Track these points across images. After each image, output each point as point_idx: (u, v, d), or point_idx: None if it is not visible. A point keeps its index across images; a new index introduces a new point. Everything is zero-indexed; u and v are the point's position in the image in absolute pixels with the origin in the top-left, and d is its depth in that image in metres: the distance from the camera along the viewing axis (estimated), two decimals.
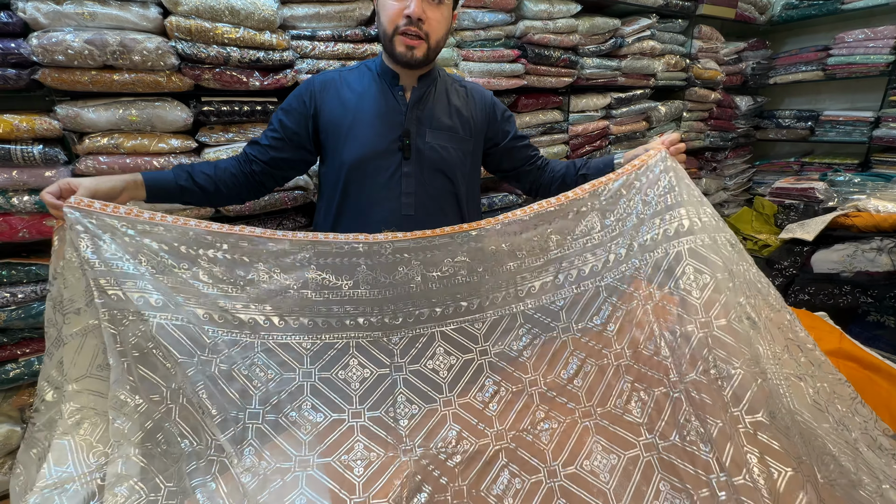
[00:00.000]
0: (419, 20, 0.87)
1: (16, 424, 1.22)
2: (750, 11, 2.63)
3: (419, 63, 0.93)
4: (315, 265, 0.81)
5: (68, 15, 1.06)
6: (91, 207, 0.72)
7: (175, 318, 0.71)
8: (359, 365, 0.80)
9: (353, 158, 0.97)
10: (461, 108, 1.04)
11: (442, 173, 1.01)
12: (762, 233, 1.94)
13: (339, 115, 0.98)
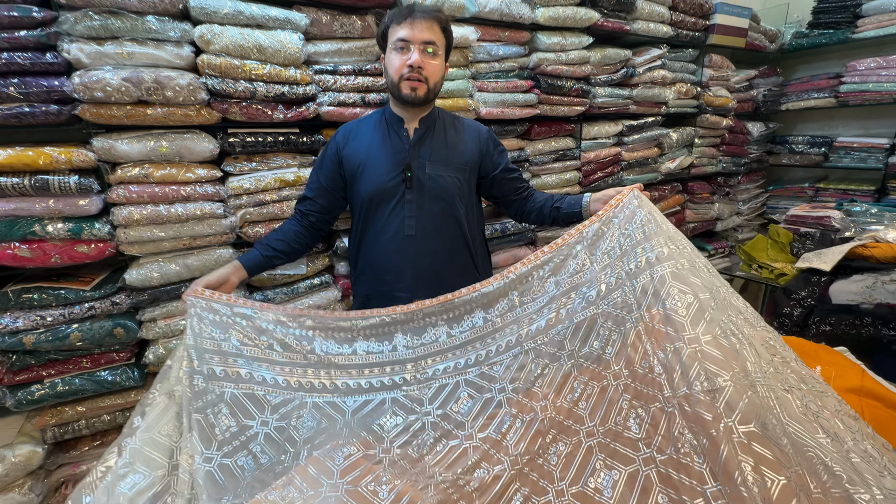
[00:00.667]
0: (419, 67, 1.08)
1: (37, 445, 1.25)
2: (760, 40, 2.66)
3: (421, 101, 1.13)
4: (362, 336, 1.00)
5: (108, 55, 1.12)
6: (202, 295, 0.97)
7: (245, 388, 0.91)
8: (393, 414, 0.92)
9: (368, 192, 1.17)
10: (458, 141, 1.22)
11: (441, 198, 1.18)
12: (778, 261, 1.92)
13: (356, 158, 1.19)
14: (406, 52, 1.09)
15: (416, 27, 1.07)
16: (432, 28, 1.09)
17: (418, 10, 1.09)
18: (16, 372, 1.21)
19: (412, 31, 1.07)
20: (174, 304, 1.34)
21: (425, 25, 1.08)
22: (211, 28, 1.20)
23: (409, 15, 1.08)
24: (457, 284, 1.17)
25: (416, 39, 1.08)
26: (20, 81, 1.07)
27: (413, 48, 1.08)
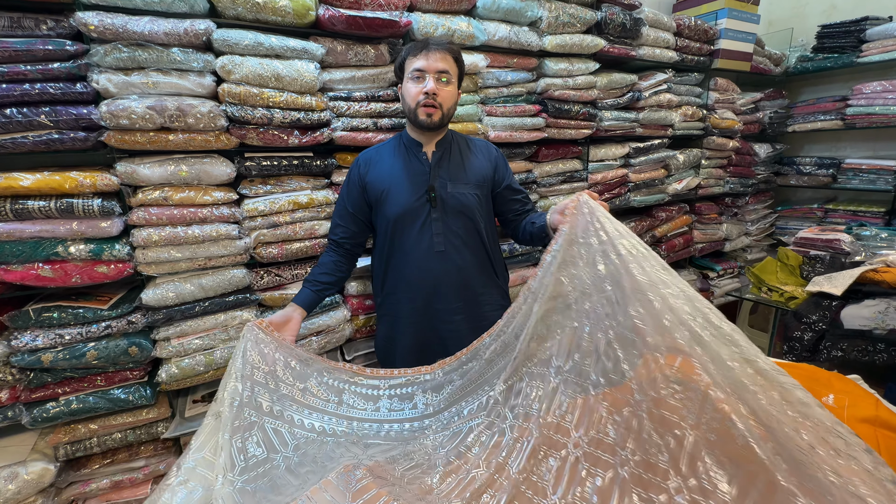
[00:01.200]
0: (434, 94, 1.17)
1: (50, 463, 1.26)
2: (765, 64, 2.70)
3: (437, 126, 1.21)
4: (387, 395, 1.07)
5: (134, 84, 1.18)
6: (261, 325, 1.06)
7: (276, 423, 0.97)
8: (407, 457, 0.96)
9: (395, 214, 1.24)
10: (472, 160, 1.31)
11: (463, 214, 1.26)
12: (788, 284, 1.90)
13: (380, 182, 1.26)
14: (422, 81, 1.18)
15: (430, 58, 1.17)
16: (445, 58, 1.19)
17: (433, 42, 1.19)
18: (33, 389, 1.23)
19: (427, 62, 1.17)
20: (188, 324, 1.36)
21: (439, 56, 1.18)
22: (232, 59, 1.26)
23: (425, 48, 1.18)
24: (483, 293, 1.31)
25: (431, 69, 1.17)
26: (51, 110, 1.12)
27: (428, 77, 1.17)
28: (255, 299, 1.45)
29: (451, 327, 1.28)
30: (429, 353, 1.27)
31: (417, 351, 1.30)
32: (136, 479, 1.39)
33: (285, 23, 1.34)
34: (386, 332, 1.36)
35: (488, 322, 1.23)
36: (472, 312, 1.29)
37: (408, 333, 1.30)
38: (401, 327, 1.31)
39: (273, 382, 1.00)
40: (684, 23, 2.22)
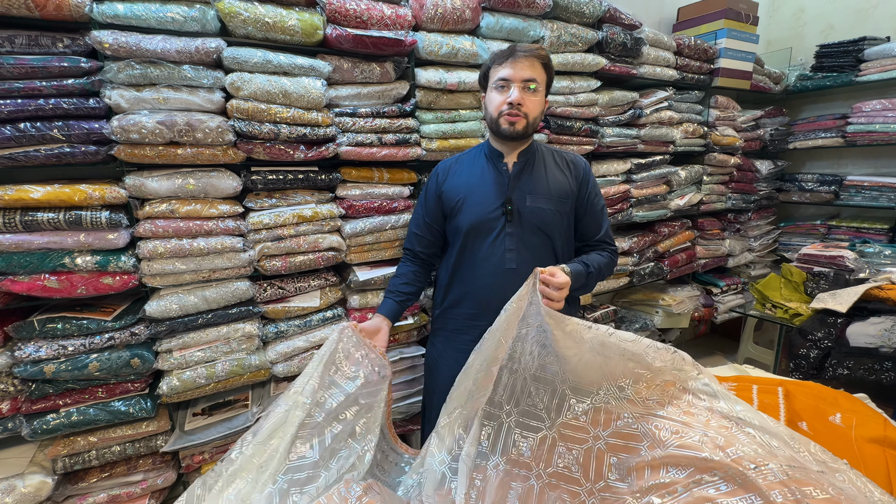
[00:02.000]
0: (519, 104, 1.12)
1: (48, 476, 1.25)
2: (765, 82, 2.74)
3: (520, 135, 1.16)
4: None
5: (145, 100, 1.21)
6: (355, 329, 1.13)
7: (336, 427, 1.00)
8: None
9: (468, 224, 1.21)
10: (557, 174, 1.24)
11: (540, 231, 1.19)
12: (792, 301, 1.89)
13: (457, 191, 1.24)
14: (506, 91, 1.13)
15: (516, 66, 1.11)
16: (533, 66, 1.13)
17: (519, 50, 1.13)
18: (34, 401, 1.23)
19: (513, 71, 1.12)
20: (190, 336, 1.36)
21: (526, 64, 1.12)
22: (241, 76, 1.29)
23: (511, 55, 1.12)
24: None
25: (517, 78, 1.12)
26: (63, 124, 1.14)
27: (513, 86, 1.12)
28: (258, 312, 1.45)
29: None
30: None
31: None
32: (133, 494, 1.37)
33: (294, 41, 1.37)
34: (440, 347, 1.31)
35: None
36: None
37: (463, 352, 1.17)
38: (455, 344, 1.24)
39: (350, 387, 1.03)
40: (684, 42, 2.26)
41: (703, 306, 2.69)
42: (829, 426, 1.03)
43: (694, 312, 2.61)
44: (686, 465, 0.72)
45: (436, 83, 1.59)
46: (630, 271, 2.34)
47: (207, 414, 1.48)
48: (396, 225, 1.62)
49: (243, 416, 1.47)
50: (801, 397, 1.11)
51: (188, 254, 1.30)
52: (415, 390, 1.74)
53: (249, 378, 1.46)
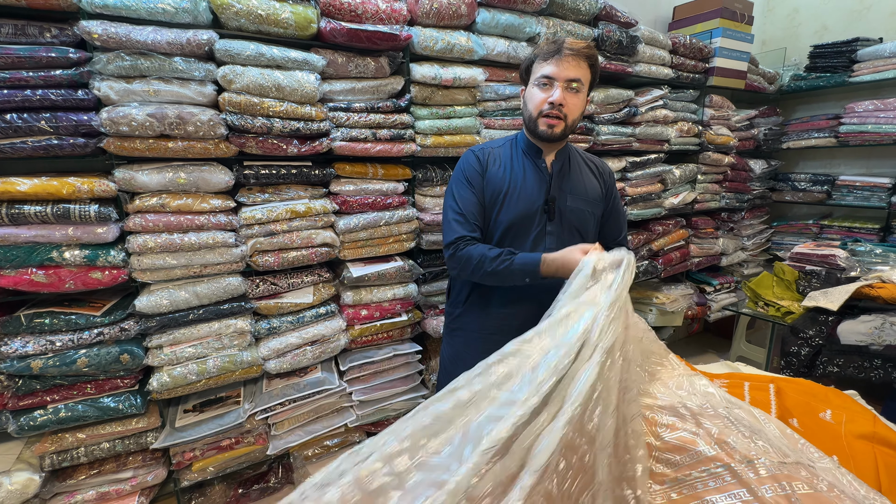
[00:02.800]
0: (560, 105, 1.06)
1: (35, 473, 1.24)
2: (759, 82, 2.75)
3: (557, 138, 1.11)
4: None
5: (136, 92, 1.19)
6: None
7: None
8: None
9: (509, 219, 1.14)
10: (591, 177, 1.22)
11: (578, 231, 1.17)
12: (784, 299, 1.90)
13: (499, 181, 1.16)
14: (549, 89, 1.07)
15: (562, 65, 1.06)
16: (579, 65, 1.07)
17: (567, 47, 1.06)
18: (20, 397, 1.21)
19: (558, 69, 1.06)
20: (181, 332, 1.35)
21: (572, 63, 1.06)
22: (234, 69, 1.27)
23: (557, 52, 1.06)
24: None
25: (561, 77, 1.06)
26: (51, 116, 1.12)
27: (556, 85, 1.06)
28: (250, 307, 1.44)
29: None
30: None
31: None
32: (122, 491, 1.36)
33: (287, 35, 1.36)
34: (460, 348, 1.23)
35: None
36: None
37: (490, 352, 1.03)
38: (481, 345, 1.09)
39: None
40: (680, 41, 2.27)
41: (696, 305, 2.70)
42: (820, 423, 1.03)
43: (687, 311, 2.62)
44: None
45: (431, 79, 1.58)
46: None
47: (199, 410, 1.47)
48: (391, 221, 1.61)
49: (235, 413, 1.46)
50: (793, 394, 1.12)
51: (179, 248, 1.29)
52: (409, 387, 1.74)
53: (241, 374, 1.45)
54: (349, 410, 1.66)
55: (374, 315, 1.63)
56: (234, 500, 1.58)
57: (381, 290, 1.64)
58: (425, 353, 1.80)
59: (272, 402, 1.48)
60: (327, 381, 1.57)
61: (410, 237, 1.70)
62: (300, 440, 1.53)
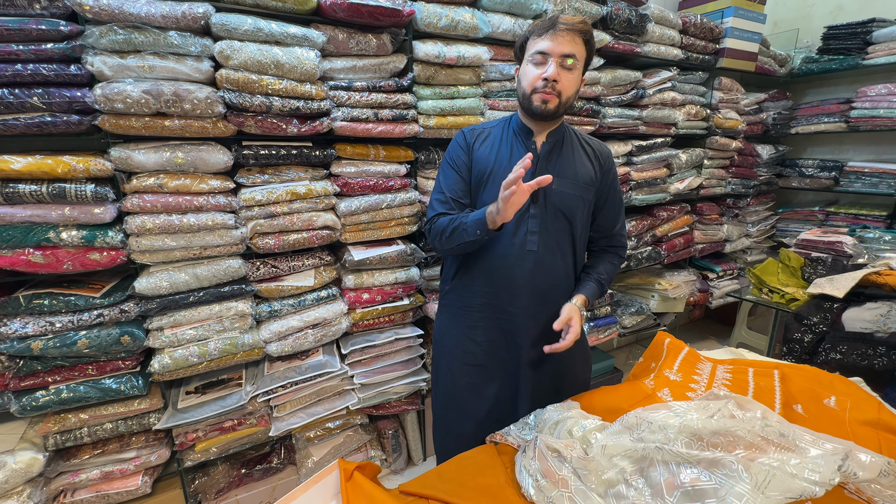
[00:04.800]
0: (554, 81, 1.04)
1: (39, 452, 1.24)
2: (769, 64, 2.68)
3: (551, 115, 1.08)
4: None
5: (130, 67, 1.15)
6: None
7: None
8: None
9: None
10: (585, 160, 1.19)
11: (563, 215, 1.15)
12: (789, 286, 1.89)
13: (484, 163, 1.16)
14: (543, 66, 1.05)
15: (557, 39, 1.03)
16: (574, 40, 1.04)
17: (561, 22, 1.04)
18: (22, 377, 1.21)
19: (552, 44, 1.03)
20: (182, 314, 1.34)
21: (567, 38, 1.03)
22: (231, 44, 1.23)
23: (552, 27, 1.04)
24: (557, 301, 1.16)
25: (556, 52, 1.03)
26: (44, 92, 1.09)
27: (551, 61, 1.03)
28: (251, 290, 1.43)
29: (523, 332, 1.17)
30: (491, 358, 1.20)
31: (479, 353, 1.20)
32: (126, 471, 1.37)
33: (286, 9, 1.31)
34: (447, 324, 1.27)
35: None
36: (548, 321, 1.15)
37: (473, 328, 1.20)
38: (465, 321, 1.21)
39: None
40: (690, 20, 2.20)
41: (698, 291, 2.69)
42: (824, 409, 1.03)
43: (689, 297, 2.61)
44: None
45: (434, 57, 1.54)
46: (627, 255, 2.33)
47: (201, 392, 1.47)
48: (392, 204, 1.58)
49: (237, 395, 1.46)
50: (797, 380, 1.11)
51: (178, 230, 1.27)
52: (410, 370, 1.74)
53: (243, 357, 1.44)
54: (351, 393, 1.66)
55: (375, 299, 1.62)
56: (238, 480, 1.60)
57: (383, 274, 1.62)
58: (427, 337, 1.80)
59: (274, 385, 1.48)
60: (329, 364, 1.56)
61: (412, 220, 1.67)
62: (302, 422, 1.54)
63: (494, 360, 1.20)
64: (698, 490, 0.71)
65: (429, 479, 0.94)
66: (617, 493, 0.78)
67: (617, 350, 2.99)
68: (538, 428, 1.05)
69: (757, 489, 0.69)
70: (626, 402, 1.06)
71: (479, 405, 1.22)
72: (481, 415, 1.21)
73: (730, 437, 0.78)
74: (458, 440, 1.23)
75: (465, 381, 1.23)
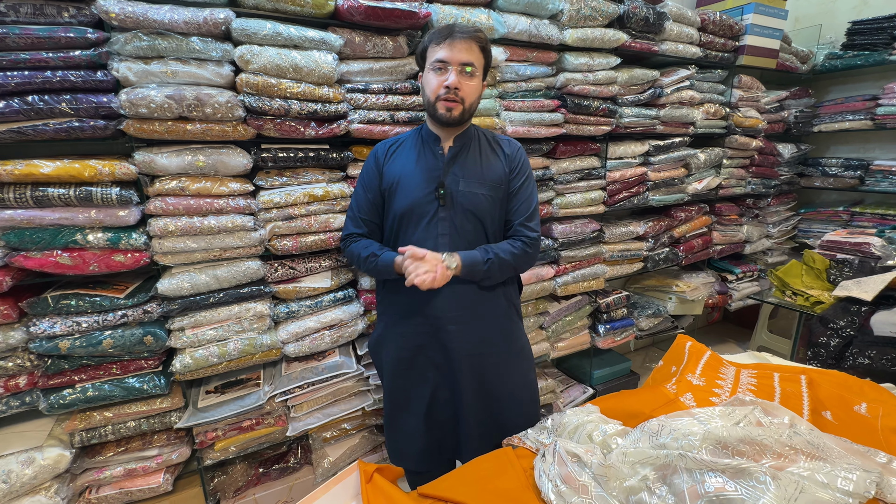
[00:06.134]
0: (456, 88, 1.10)
1: (66, 449, 1.27)
2: (791, 61, 2.62)
3: (456, 121, 1.15)
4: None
5: (154, 73, 1.17)
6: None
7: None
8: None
9: (402, 208, 1.18)
10: (493, 160, 1.22)
11: (473, 216, 1.18)
12: (813, 288, 1.84)
13: (393, 173, 1.21)
14: (444, 73, 1.11)
15: (454, 48, 1.09)
16: (471, 49, 1.10)
17: (458, 30, 1.09)
18: (50, 376, 1.24)
19: (451, 53, 1.09)
20: (202, 314, 1.36)
21: (464, 46, 1.09)
22: (251, 48, 1.25)
23: (449, 36, 1.09)
24: (486, 301, 1.21)
25: (454, 60, 1.09)
26: (72, 97, 1.12)
27: (451, 69, 1.10)
28: (269, 291, 1.45)
29: (452, 336, 1.19)
30: (421, 360, 1.23)
31: (409, 357, 1.24)
32: (148, 468, 1.40)
33: (304, 13, 1.32)
34: (381, 331, 1.32)
35: (490, 333, 1.23)
36: (474, 321, 1.21)
37: (406, 336, 1.23)
38: (397, 329, 1.25)
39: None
40: (709, 17, 2.16)
41: (717, 293, 2.64)
42: (855, 416, 1.00)
43: (708, 299, 2.56)
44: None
45: None
46: (644, 256, 2.30)
47: (220, 392, 1.49)
48: None
49: (255, 395, 1.48)
50: (826, 386, 1.08)
51: (199, 232, 1.29)
52: None
53: (261, 357, 1.46)
54: (366, 394, 1.67)
55: None
56: (255, 478, 1.62)
57: None
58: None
59: (291, 385, 1.49)
60: (345, 365, 1.57)
61: None
62: (318, 422, 1.55)
63: (427, 364, 1.23)
64: (724, 499, 0.69)
65: (447, 481, 0.94)
66: (639, 501, 0.77)
67: (633, 353, 2.95)
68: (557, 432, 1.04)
69: (786, 501, 0.67)
70: (648, 406, 1.04)
71: (418, 405, 1.25)
72: (422, 413, 1.25)
73: (756, 445, 0.76)
74: (403, 435, 1.29)
75: (401, 384, 1.27)
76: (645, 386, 1.27)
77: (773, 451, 0.75)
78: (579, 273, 2.07)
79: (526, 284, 1.93)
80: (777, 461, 0.74)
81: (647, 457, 0.80)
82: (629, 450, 0.83)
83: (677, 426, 0.82)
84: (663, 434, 0.82)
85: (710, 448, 0.76)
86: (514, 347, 1.29)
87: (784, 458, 0.74)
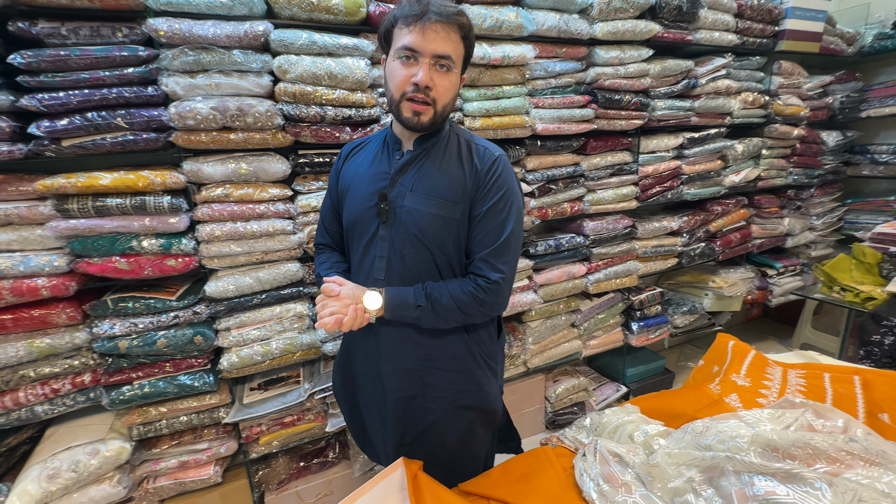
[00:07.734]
0: (427, 87, 0.86)
1: (126, 441, 1.36)
2: (836, 44, 2.48)
3: (425, 128, 0.91)
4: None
5: (199, 86, 1.23)
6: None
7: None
8: None
9: (348, 219, 0.99)
10: (456, 170, 0.93)
11: (418, 240, 0.92)
12: (864, 284, 1.75)
13: (346, 178, 1.02)
14: (412, 66, 0.85)
15: (428, 35, 0.83)
16: (449, 37, 0.85)
17: (433, 11, 0.84)
18: (111, 373, 1.33)
19: (423, 41, 0.83)
20: (246, 315, 1.42)
21: (441, 34, 0.84)
22: (288, 58, 1.29)
23: (422, 17, 0.83)
24: (434, 349, 0.96)
25: (427, 51, 0.84)
26: (126, 112, 1.19)
27: (422, 61, 0.85)
28: (308, 293, 1.50)
29: (386, 378, 0.98)
30: (366, 392, 1.05)
31: (353, 384, 1.09)
32: (200, 461, 1.48)
33: (337, 21, 1.36)
34: (339, 359, 1.15)
35: (438, 382, 0.97)
36: (420, 368, 0.97)
37: (367, 353, 1.03)
38: (352, 363, 1.09)
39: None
40: (746, 2, 2.07)
41: (756, 289, 2.54)
42: None
43: (746, 295, 2.47)
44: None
45: (479, 59, 1.54)
46: (679, 252, 2.24)
47: (263, 389, 1.56)
48: None
49: (296, 392, 1.54)
50: (882, 387, 1.03)
51: (242, 236, 1.35)
52: None
53: (301, 356, 1.51)
54: None
55: None
56: (297, 472, 1.68)
57: None
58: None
59: (329, 383, 1.54)
60: None
61: None
62: None
63: (366, 397, 1.07)
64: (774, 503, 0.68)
65: (488, 479, 0.95)
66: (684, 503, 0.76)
67: (668, 350, 2.88)
68: (596, 431, 1.04)
69: None
70: (691, 407, 1.03)
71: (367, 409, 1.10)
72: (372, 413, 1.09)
73: (809, 449, 0.73)
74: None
75: (347, 411, 1.15)
76: (685, 386, 1.25)
77: (828, 455, 0.73)
78: (611, 270, 2.04)
79: (557, 282, 1.92)
80: (832, 466, 0.72)
81: (692, 458, 0.79)
82: (673, 451, 0.82)
83: (723, 428, 0.80)
84: (709, 435, 0.81)
85: (758, 451, 0.74)
86: (464, 404, 0.99)
87: (840, 463, 0.72)
